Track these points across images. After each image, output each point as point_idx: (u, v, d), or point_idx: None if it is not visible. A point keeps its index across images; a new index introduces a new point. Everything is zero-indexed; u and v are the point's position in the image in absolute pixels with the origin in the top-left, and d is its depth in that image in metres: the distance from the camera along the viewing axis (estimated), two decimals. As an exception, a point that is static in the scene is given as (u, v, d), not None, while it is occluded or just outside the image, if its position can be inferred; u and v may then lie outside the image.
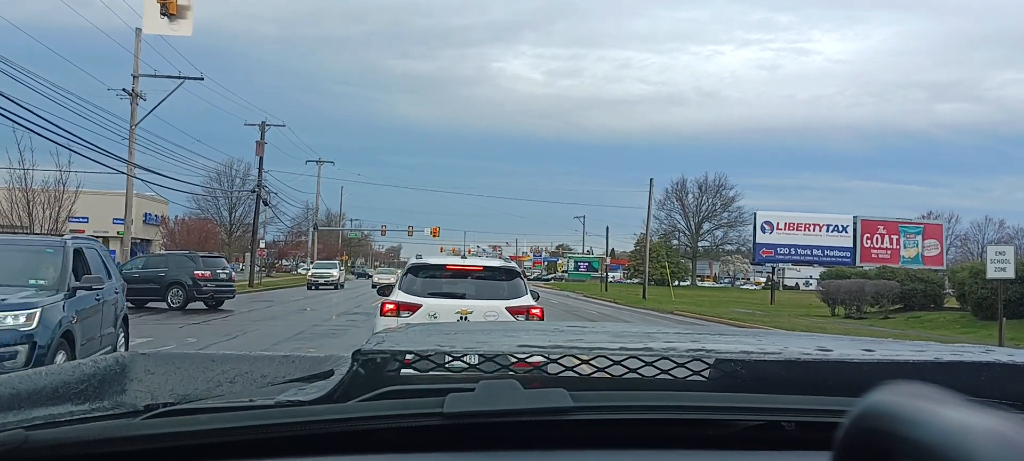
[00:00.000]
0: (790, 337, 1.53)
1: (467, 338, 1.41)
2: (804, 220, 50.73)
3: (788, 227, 50.55)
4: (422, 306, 9.17)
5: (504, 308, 9.12)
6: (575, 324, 1.83)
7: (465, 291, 9.69)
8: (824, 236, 50.51)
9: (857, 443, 0.65)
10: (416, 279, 9.63)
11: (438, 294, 9.46)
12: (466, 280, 9.95)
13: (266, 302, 30.66)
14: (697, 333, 1.58)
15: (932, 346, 1.38)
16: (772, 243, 49.97)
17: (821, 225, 50.78)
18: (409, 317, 8.98)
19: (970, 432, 0.54)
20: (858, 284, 34.57)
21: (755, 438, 1.13)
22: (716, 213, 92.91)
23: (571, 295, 58.37)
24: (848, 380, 1.12)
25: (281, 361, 1.35)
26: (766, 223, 49.19)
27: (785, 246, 50.37)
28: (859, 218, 50.07)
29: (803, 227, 50.64)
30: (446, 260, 11.63)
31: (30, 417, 1.08)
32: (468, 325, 5.49)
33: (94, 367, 1.22)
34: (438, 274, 9.95)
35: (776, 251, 49.95)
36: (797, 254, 50.90)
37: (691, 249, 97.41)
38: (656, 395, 1.14)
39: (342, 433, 1.07)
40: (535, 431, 1.07)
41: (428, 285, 9.60)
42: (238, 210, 76.58)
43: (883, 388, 0.65)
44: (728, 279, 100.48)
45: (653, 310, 36.65)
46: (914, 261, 48.77)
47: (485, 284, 9.85)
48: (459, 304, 9.27)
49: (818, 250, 50.92)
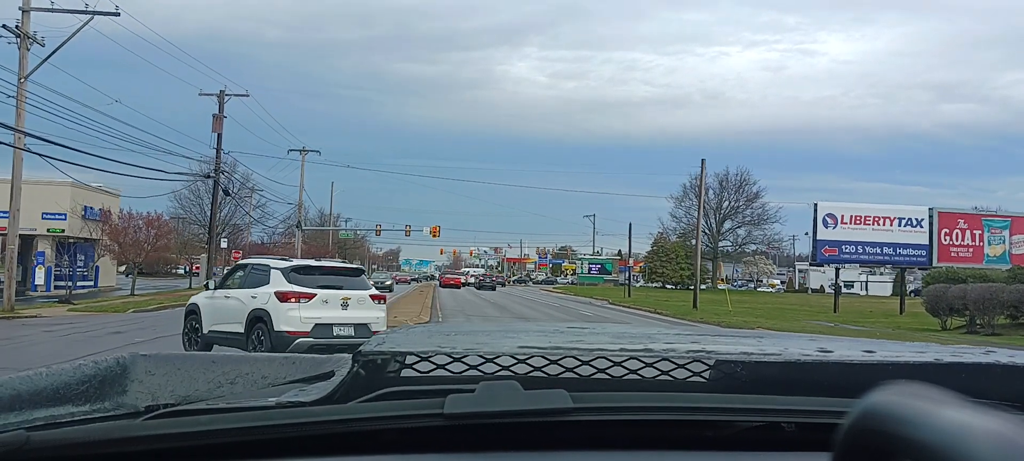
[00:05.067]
0: (790, 338, 1.55)
1: (467, 339, 1.42)
2: (872, 212, 44.52)
3: (854, 221, 44.18)
4: (317, 295, 13.59)
5: (367, 295, 14.46)
6: (575, 325, 1.83)
7: (340, 283, 14.23)
8: (896, 232, 44.32)
9: (857, 444, 0.65)
10: (305, 275, 13.97)
11: (323, 286, 13.87)
12: (337, 276, 14.59)
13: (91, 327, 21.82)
14: (697, 334, 1.59)
15: (932, 347, 1.41)
16: (836, 240, 44.45)
17: (892, 218, 44.57)
18: (307, 302, 13.40)
19: (970, 432, 0.55)
20: (988, 289, 25.18)
21: (755, 439, 1.17)
22: (739, 210, 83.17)
23: (591, 302, 48.65)
24: (848, 381, 1.15)
25: (282, 362, 1.38)
26: (828, 216, 44.63)
27: (851, 243, 44.26)
28: (936, 210, 44.60)
29: (871, 221, 44.39)
30: (320, 262, 16.49)
31: (31, 418, 1.12)
32: (468, 326, 5.04)
33: (95, 368, 1.25)
34: (317, 272, 14.46)
35: (841, 249, 44.88)
36: (865, 253, 44.93)
37: (712, 249, 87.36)
38: (656, 396, 1.17)
39: (343, 434, 1.11)
40: (535, 432, 1.11)
41: (315, 280, 13.97)
42: (223, 209, 67.06)
43: (883, 389, 0.65)
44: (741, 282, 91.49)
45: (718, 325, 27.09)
46: (1000, 260, 43.64)
47: (348, 279, 14.63)
48: (339, 293, 13.93)
49: (889, 248, 44.91)
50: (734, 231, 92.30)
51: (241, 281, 14.72)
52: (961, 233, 43.19)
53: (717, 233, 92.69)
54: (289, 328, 13.21)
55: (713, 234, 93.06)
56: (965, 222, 43.66)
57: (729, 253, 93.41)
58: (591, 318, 32.45)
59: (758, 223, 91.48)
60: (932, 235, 42.57)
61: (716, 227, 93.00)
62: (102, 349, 15.51)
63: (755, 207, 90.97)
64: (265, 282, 13.84)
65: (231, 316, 14.08)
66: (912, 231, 43.17)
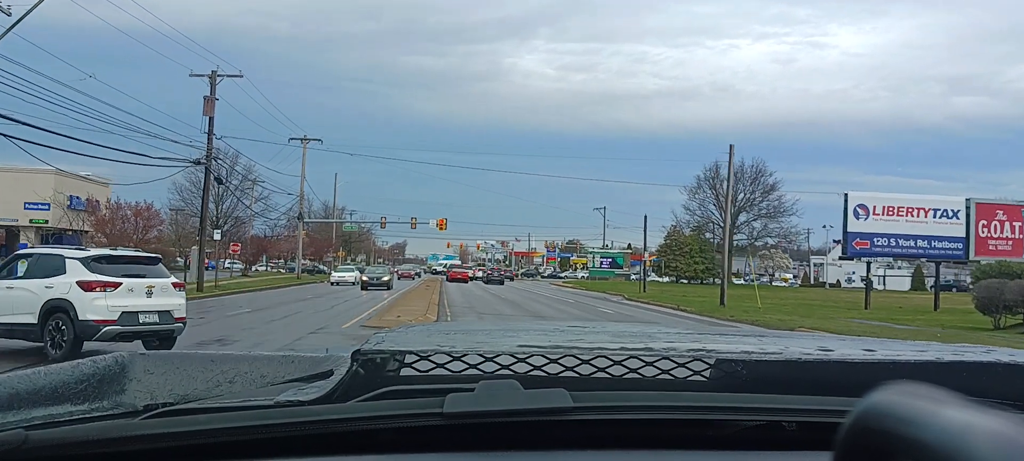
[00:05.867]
0: (791, 337, 1.58)
1: (467, 338, 1.45)
2: (906, 203, 42.26)
3: (887, 212, 41.86)
4: (122, 283, 13.72)
5: (169, 283, 14.79)
6: (575, 324, 1.84)
7: (142, 272, 14.50)
8: (930, 223, 41.84)
9: (858, 443, 0.66)
10: (106, 265, 14.03)
11: (127, 274, 14.05)
12: (137, 265, 14.85)
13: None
14: (697, 333, 1.62)
15: (933, 346, 1.42)
16: (868, 232, 44.22)
17: (926, 209, 42.06)
18: (113, 291, 13.48)
19: (971, 432, 0.55)
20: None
21: (756, 438, 1.19)
22: (755, 203, 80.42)
23: (606, 297, 46.05)
24: (849, 380, 1.17)
25: (281, 361, 1.38)
26: (860, 207, 39.73)
27: (884, 236, 42.02)
28: (973, 201, 42.27)
29: (905, 212, 41.99)
30: (122, 252, 16.86)
31: (29, 417, 1.13)
32: (468, 325, 5.07)
33: (93, 367, 1.26)
34: (118, 261, 14.67)
35: (873, 242, 42.98)
36: (899, 246, 42.76)
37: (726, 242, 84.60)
38: (657, 395, 1.18)
39: (342, 433, 1.12)
40: (535, 431, 1.13)
41: (117, 269, 14.14)
42: (226, 201, 64.70)
43: (884, 388, 0.66)
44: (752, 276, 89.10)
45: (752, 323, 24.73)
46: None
47: (149, 268, 14.84)
48: (144, 281, 14.12)
49: (924, 240, 42.43)
50: (749, 224, 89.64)
51: (26, 271, 14.31)
52: (1000, 225, 41.18)
53: (732, 226, 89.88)
54: (96, 317, 13.31)
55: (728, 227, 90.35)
56: (1004, 213, 41.76)
57: (743, 247, 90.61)
58: (613, 316, 29.98)
59: (774, 216, 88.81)
60: (969, 227, 40.80)
61: (731, 220, 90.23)
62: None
63: (771, 199, 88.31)
64: (61, 271, 13.74)
65: (18, 307, 13.70)
66: (948, 223, 41.79)
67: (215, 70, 38.43)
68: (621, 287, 68.83)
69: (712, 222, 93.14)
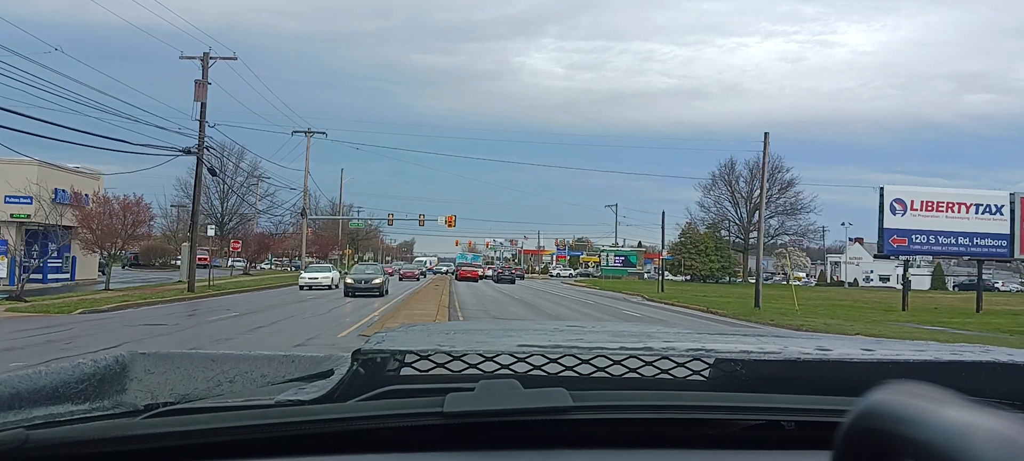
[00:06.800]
0: (790, 337, 1.59)
1: (467, 338, 1.46)
2: (946, 198, 39.38)
3: (925, 207, 38.94)
4: None
5: None
6: (575, 324, 1.84)
7: None
8: (972, 220, 39.09)
9: (857, 442, 0.67)
10: None
11: None
12: None
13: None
14: (697, 333, 1.62)
15: (932, 346, 1.44)
16: (906, 229, 39.52)
17: (968, 205, 39.27)
18: None
19: (971, 432, 0.56)
20: None
21: (755, 438, 1.20)
22: (772, 199, 77.61)
23: (626, 298, 43.42)
24: (848, 380, 1.19)
25: (281, 361, 1.40)
26: (897, 202, 38.28)
27: (923, 233, 39.12)
28: (1018, 196, 39.36)
29: (946, 207, 39.12)
30: None
31: (30, 416, 1.15)
32: (467, 325, 5.30)
33: (94, 366, 1.28)
34: None
35: (911, 239, 40.01)
36: (939, 243, 39.80)
37: (742, 241, 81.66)
38: (656, 395, 1.20)
39: (342, 433, 1.14)
40: (535, 431, 1.15)
41: None
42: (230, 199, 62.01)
43: (883, 387, 0.68)
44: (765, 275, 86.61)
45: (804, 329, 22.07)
46: (1086, 252, 39.83)
47: None
48: None
49: (965, 238, 39.55)
50: (766, 221, 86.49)
51: None
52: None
53: (748, 223, 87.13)
54: None
55: (743, 225, 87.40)
56: (1051, 208, 39.76)
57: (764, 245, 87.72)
58: (640, 319, 27.23)
59: (791, 213, 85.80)
60: (1014, 223, 38.52)
61: (747, 217, 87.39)
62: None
63: (788, 196, 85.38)
64: None
65: None
66: (990, 219, 40.91)
67: (207, 52, 35.59)
68: (637, 286, 66.37)
69: (727, 220, 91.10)
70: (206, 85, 34.43)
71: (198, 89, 34.20)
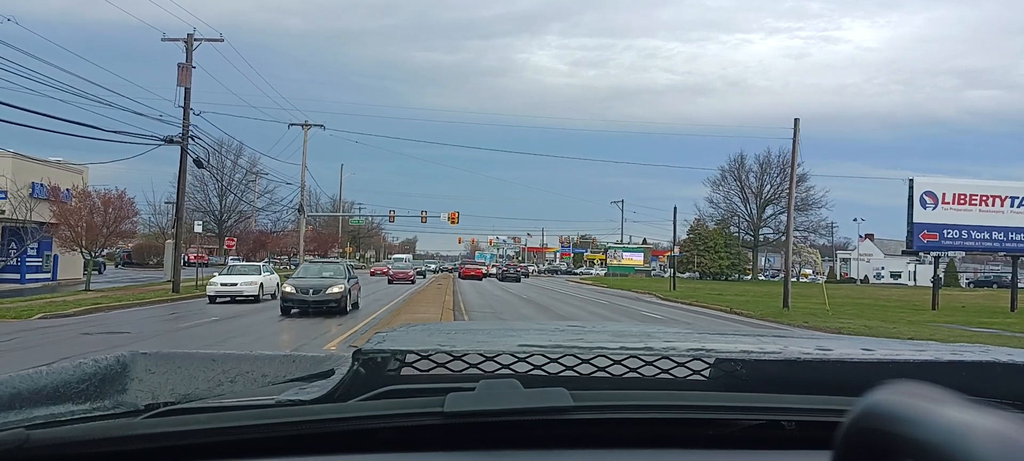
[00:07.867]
0: (790, 337, 1.58)
1: (468, 338, 1.46)
2: (980, 190, 37.12)
3: (957, 200, 36.64)
4: None
5: None
6: (575, 324, 1.83)
7: None
8: (1007, 213, 36.74)
9: (857, 442, 0.67)
10: None
11: None
12: None
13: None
14: (697, 332, 1.61)
15: (932, 346, 1.44)
16: (938, 223, 36.66)
17: (1003, 198, 36.86)
18: None
19: (971, 432, 0.56)
20: None
21: (755, 437, 1.20)
22: (782, 195, 74.68)
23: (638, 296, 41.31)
24: (848, 379, 1.19)
25: (282, 360, 1.40)
26: (927, 194, 39.12)
27: (954, 227, 36.71)
28: None
29: (978, 200, 36.83)
30: None
31: (31, 416, 1.15)
32: (468, 325, 5.20)
33: (95, 367, 1.28)
34: None
35: (942, 234, 37.08)
36: (971, 238, 37.28)
37: (753, 238, 79.12)
38: (656, 395, 1.20)
39: (342, 432, 1.14)
40: (535, 430, 1.15)
41: None
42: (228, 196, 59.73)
43: (883, 387, 0.68)
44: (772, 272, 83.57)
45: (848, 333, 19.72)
46: None
47: None
48: None
49: (1000, 232, 37.17)
50: (776, 217, 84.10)
51: None
52: (1080, 215, 39.20)
53: (758, 219, 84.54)
54: None
55: (753, 221, 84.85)
56: (1090, 200, 37.80)
57: (772, 241, 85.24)
58: (661, 320, 24.83)
59: (802, 208, 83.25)
60: None
61: (757, 213, 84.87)
62: None
63: (800, 190, 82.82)
64: None
65: None
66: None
67: (191, 33, 33.06)
68: (647, 284, 64.29)
69: (737, 216, 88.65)
70: (190, 69, 31.96)
71: (181, 73, 31.47)
